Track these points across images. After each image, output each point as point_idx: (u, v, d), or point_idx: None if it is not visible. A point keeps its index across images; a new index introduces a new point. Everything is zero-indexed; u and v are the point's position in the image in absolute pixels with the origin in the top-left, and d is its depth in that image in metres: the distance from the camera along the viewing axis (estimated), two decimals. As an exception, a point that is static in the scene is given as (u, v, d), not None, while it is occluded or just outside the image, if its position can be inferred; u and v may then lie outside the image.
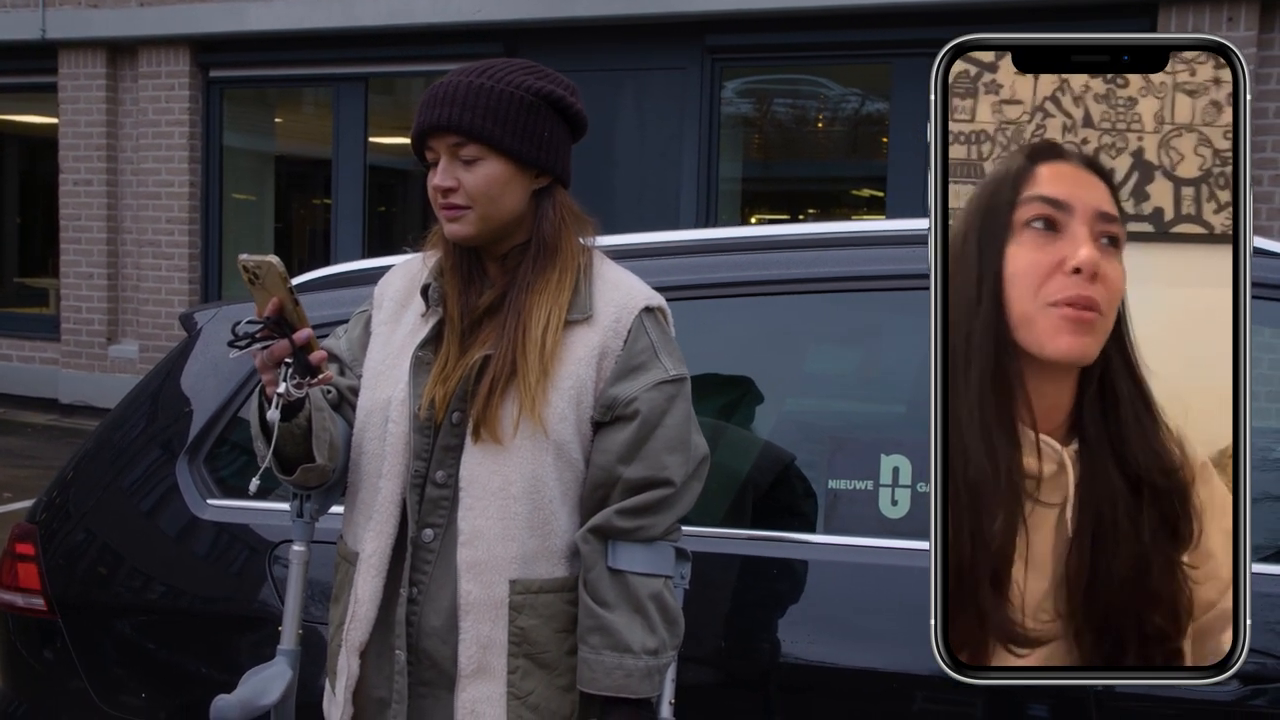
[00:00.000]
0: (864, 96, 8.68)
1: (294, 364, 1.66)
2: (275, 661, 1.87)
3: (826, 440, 2.30)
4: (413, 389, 1.78)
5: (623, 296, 1.79)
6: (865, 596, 2.11)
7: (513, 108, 1.75)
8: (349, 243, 9.33)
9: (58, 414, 9.82)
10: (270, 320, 1.66)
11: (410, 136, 1.82)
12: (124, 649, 2.50)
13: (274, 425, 1.67)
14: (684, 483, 1.75)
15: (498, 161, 1.75)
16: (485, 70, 1.78)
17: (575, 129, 1.85)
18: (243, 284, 1.68)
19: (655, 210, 8.21)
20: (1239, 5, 6.79)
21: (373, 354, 1.88)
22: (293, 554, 1.89)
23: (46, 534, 2.55)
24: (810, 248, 2.41)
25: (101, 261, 9.82)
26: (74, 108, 9.83)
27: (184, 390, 2.62)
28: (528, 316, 1.74)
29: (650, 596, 1.72)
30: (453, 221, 1.77)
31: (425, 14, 8.60)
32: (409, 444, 1.77)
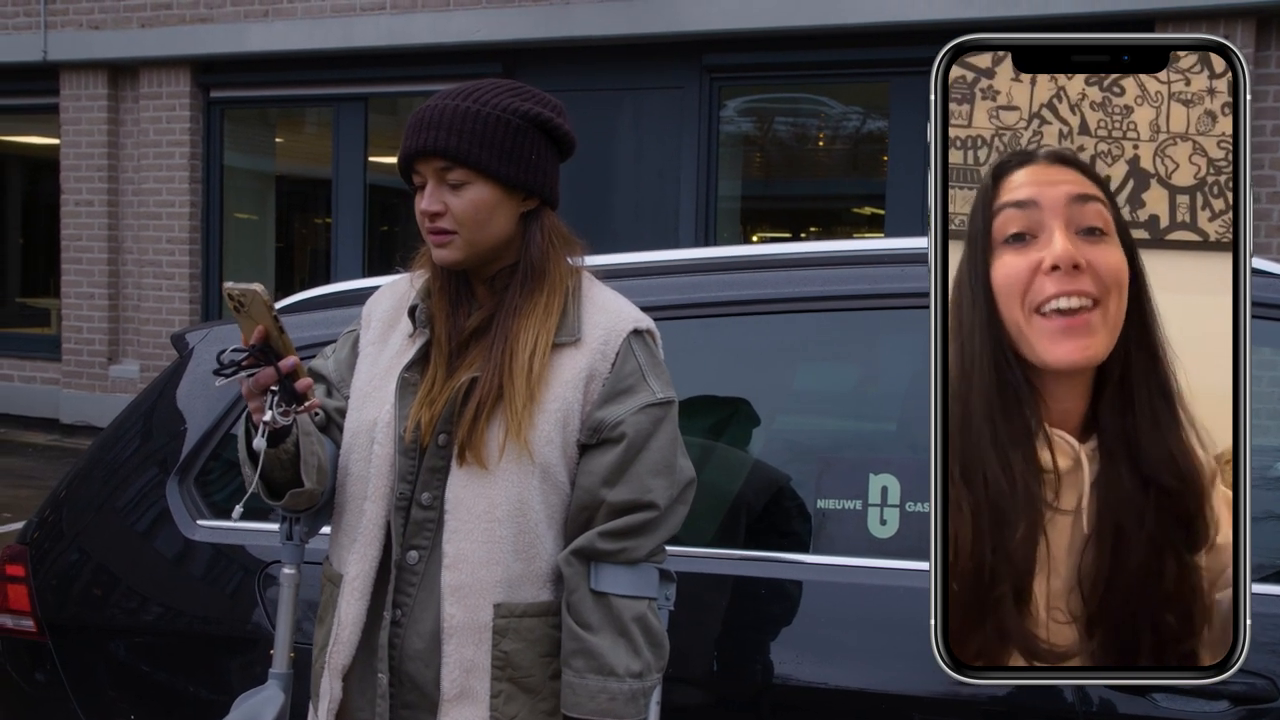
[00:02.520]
0: (864, 115, 8.70)
1: (280, 391, 1.66)
2: (267, 685, 1.85)
3: (815, 460, 2.30)
4: (398, 410, 1.77)
5: (611, 319, 1.78)
6: (854, 617, 2.10)
7: (499, 131, 1.74)
8: (350, 262, 9.34)
9: (58, 434, 9.82)
10: (255, 348, 1.66)
11: (397, 160, 1.82)
12: (114, 670, 2.50)
13: (260, 452, 1.67)
14: (668, 506, 1.74)
15: (485, 185, 1.74)
16: (471, 93, 1.77)
17: (563, 149, 1.84)
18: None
19: (654, 229, 8.22)
20: (1235, 22, 6.80)
21: (360, 374, 1.87)
22: (283, 577, 1.88)
23: (38, 554, 2.55)
24: (800, 267, 2.41)
25: (103, 282, 9.84)
26: (75, 129, 9.86)
27: (177, 409, 2.62)
28: (515, 340, 1.74)
29: (634, 619, 1.71)
30: (440, 247, 1.77)
31: (424, 34, 8.64)
32: (394, 466, 1.77)
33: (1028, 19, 7.09)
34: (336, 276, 9.12)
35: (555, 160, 1.83)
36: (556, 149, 1.83)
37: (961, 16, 7.27)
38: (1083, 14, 7.01)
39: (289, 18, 9.12)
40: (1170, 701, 1.86)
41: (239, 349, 1.68)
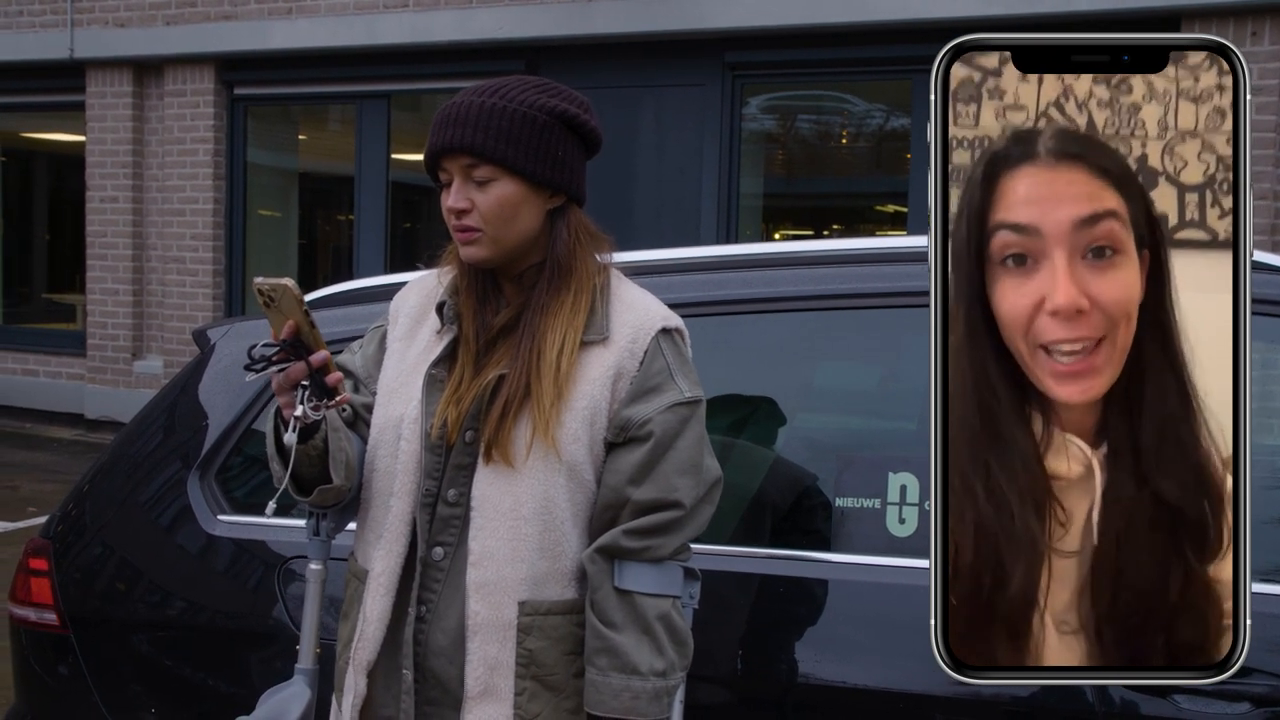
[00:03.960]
0: (887, 112, 8.67)
1: (310, 386, 1.65)
2: (293, 681, 1.85)
3: (834, 458, 2.29)
4: (425, 407, 1.77)
5: (639, 317, 1.77)
6: (872, 615, 2.09)
7: (526, 128, 1.73)
8: (372, 259, 9.37)
9: (83, 429, 9.90)
10: (286, 343, 1.65)
11: (424, 157, 1.81)
12: (136, 664, 2.51)
13: (291, 448, 1.66)
14: (694, 505, 1.73)
15: (511, 182, 1.74)
16: (498, 89, 1.77)
17: (590, 146, 1.83)
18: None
19: (675, 227, 8.22)
20: (1263, 19, 6.74)
21: (387, 370, 1.87)
22: (310, 572, 1.87)
23: (61, 548, 2.57)
24: (821, 264, 2.40)
25: (127, 278, 9.90)
26: (101, 126, 9.93)
27: (199, 405, 2.63)
28: (542, 339, 1.73)
29: (658, 617, 1.70)
30: (467, 245, 1.76)
31: (447, 32, 8.65)
32: (420, 463, 1.76)
33: (1048, 16, 7.05)
34: (359, 273, 9.15)
35: (582, 157, 1.82)
36: (583, 146, 1.82)
37: (984, 14, 7.23)
38: (1103, 11, 6.95)
39: (312, 15, 9.15)
40: (1192, 703, 1.84)
41: (269, 344, 1.67)
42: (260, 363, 1.66)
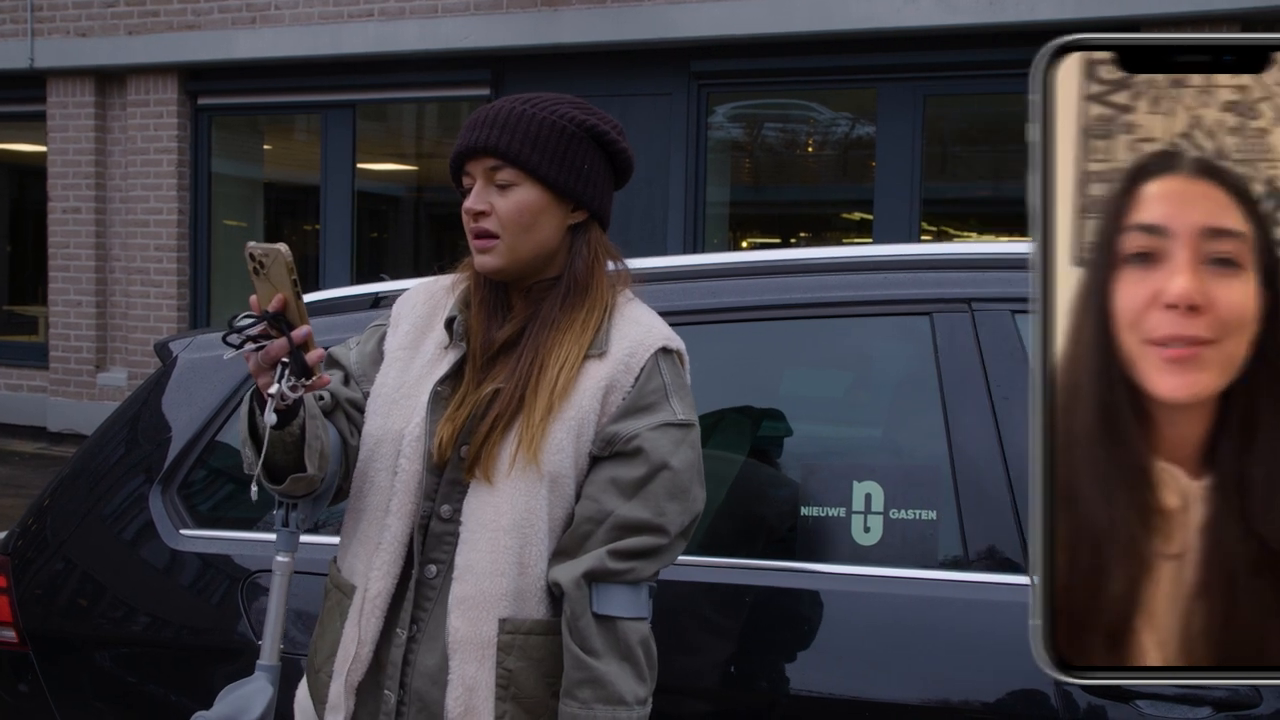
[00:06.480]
0: (852, 120, 8.72)
1: (290, 363, 1.57)
2: (255, 677, 1.79)
3: (798, 466, 2.29)
4: (429, 426, 1.73)
5: (640, 333, 1.74)
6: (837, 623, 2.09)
7: (553, 136, 1.71)
8: (338, 269, 9.33)
9: (46, 442, 9.79)
10: (270, 315, 1.58)
11: (449, 161, 1.77)
12: (98, 681, 2.48)
13: (265, 430, 1.60)
14: (676, 536, 1.69)
15: (533, 188, 1.71)
16: (532, 99, 1.75)
17: (619, 170, 1.80)
18: (245, 273, 1.59)
19: (642, 236, 8.22)
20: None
21: (387, 379, 1.82)
22: (276, 565, 1.80)
23: (21, 564, 2.53)
24: (787, 273, 2.40)
25: (90, 289, 9.81)
26: (63, 136, 9.84)
27: (162, 418, 2.61)
28: (546, 354, 1.70)
29: (639, 642, 1.65)
30: (482, 253, 1.73)
31: (412, 41, 8.64)
32: (421, 483, 1.72)
33: (1011, 26, 7.11)
34: (325, 283, 9.10)
35: (609, 179, 1.79)
36: (611, 168, 1.79)
37: (948, 23, 7.29)
38: (1071, 20, 7.02)
39: (277, 25, 9.11)
40: (1153, 708, 1.86)
41: (251, 315, 1.59)
42: (236, 334, 1.57)
